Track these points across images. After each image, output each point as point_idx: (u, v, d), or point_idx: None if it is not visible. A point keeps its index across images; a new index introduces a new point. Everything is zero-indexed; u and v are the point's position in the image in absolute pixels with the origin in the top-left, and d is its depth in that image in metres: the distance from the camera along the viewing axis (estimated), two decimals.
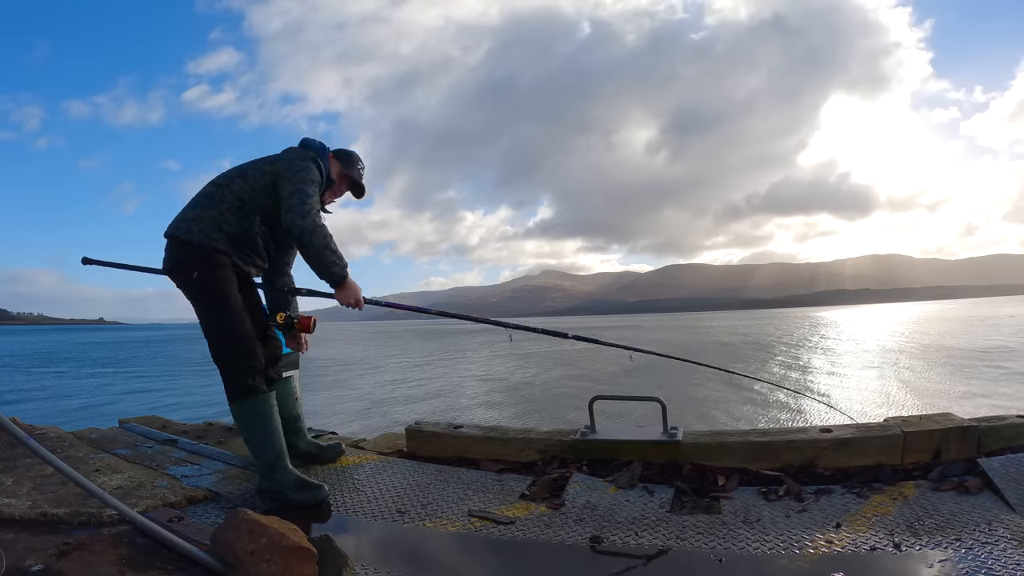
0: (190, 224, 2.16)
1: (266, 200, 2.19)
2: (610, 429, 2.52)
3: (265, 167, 2.22)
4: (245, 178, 2.20)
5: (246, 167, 2.25)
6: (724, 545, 1.72)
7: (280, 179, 2.17)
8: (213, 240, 2.14)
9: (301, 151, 2.30)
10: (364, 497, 2.20)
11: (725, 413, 11.96)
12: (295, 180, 2.15)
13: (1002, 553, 1.52)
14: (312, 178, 2.18)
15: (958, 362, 19.11)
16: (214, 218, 2.15)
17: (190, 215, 2.18)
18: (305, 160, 2.22)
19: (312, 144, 2.39)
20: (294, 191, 2.12)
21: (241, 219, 2.19)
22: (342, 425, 9.20)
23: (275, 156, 2.30)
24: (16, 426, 1.47)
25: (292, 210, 2.10)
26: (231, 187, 2.19)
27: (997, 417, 2.26)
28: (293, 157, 2.24)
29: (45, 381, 23.40)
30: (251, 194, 2.19)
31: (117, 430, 3.27)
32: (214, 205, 2.17)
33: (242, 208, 2.18)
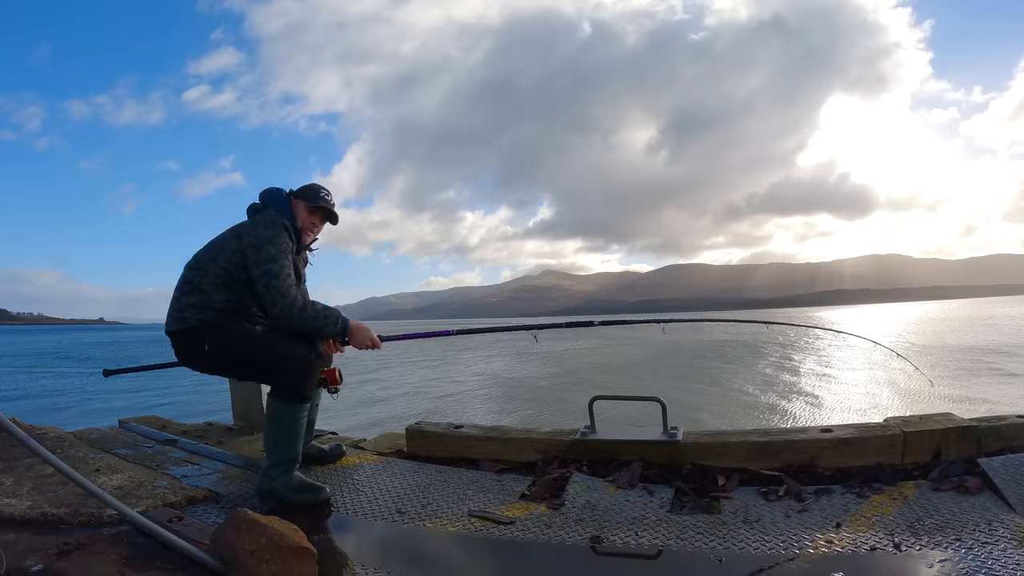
0: (183, 313, 2.18)
1: (243, 276, 2.19)
2: (610, 429, 2.52)
3: (233, 246, 2.19)
4: (217, 262, 2.19)
5: (216, 250, 2.22)
6: (724, 545, 1.72)
7: (248, 259, 2.15)
8: (209, 317, 2.18)
9: (264, 218, 2.23)
10: (364, 497, 2.20)
11: (726, 404, 11.96)
12: (260, 260, 2.12)
13: (1002, 553, 1.52)
14: (278, 249, 2.14)
15: (958, 362, 19.11)
16: (202, 300, 2.18)
17: (180, 304, 2.20)
18: (269, 228, 2.18)
19: (272, 199, 2.33)
20: (260, 275, 2.12)
21: (229, 293, 2.20)
22: (342, 425, 9.20)
23: (240, 229, 2.23)
24: (16, 426, 1.47)
25: (262, 298, 2.13)
26: (208, 270, 2.19)
27: (997, 417, 2.26)
28: (256, 228, 2.19)
29: (45, 381, 23.40)
30: (226, 275, 2.19)
31: (117, 430, 3.27)
32: (196, 289, 2.19)
33: (227, 284, 2.20)
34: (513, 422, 11.23)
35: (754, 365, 20.68)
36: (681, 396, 13.30)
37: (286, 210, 2.31)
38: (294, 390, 2.14)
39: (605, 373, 18.93)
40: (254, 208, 2.36)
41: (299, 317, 2.12)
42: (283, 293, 2.11)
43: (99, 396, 18.07)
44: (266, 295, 2.12)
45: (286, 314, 2.11)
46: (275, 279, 2.11)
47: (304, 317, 2.12)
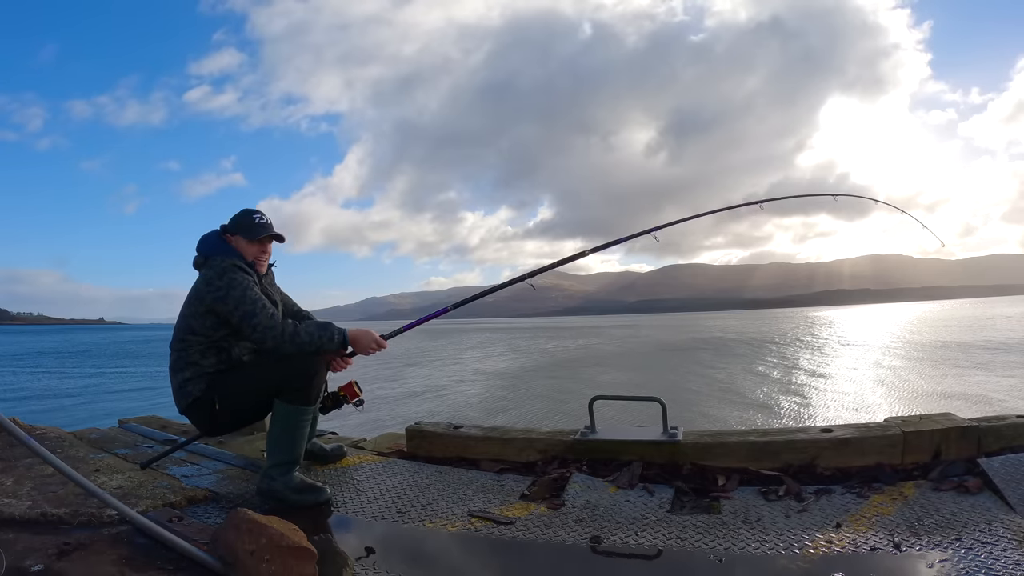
0: (185, 388, 2.19)
1: (225, 331, 2.19)
2: (610, 429, 2.52)
3: (200, 310, 2.16)
4: (194, 331, 2.18)
5: (188, 320, 2.19)
6: (724, 545, 1.72)
7: (222, 314, 2.13)
8: (208, 382, 2.18)
9: (211, 270, 2.17)
10: (364, 497, 2.20)
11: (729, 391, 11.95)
12: (232, 309, 2.10)
13: (1002, 553, 1.52)
14: (241, 292, 2.11)
15: (958, 362, 19.11)
16: (195, 373, 2.18)
17: (177, 384, 2.20)
18: (222, 277, 2.13)
19: (209, 247, 2.26)
20: (239, 321, 2.11)
21: (217, 355, 2.20)
22: (342, 424, 9.18)
23: (199, 293, 2.18)
24: (16, 426, 1.47)
25: (253, 340, 2.14)
26: (190, 342, 2.19)
27: (997, 417, 2.26)
28: (210, 283, 2.14)
29: (45, 381, 23.39)
30: (208, 336, 2.18)
31: (117, 430, 3.27)
32: (189, 364, 2.18)
33: (212, 347, 2.19)
34: (513, 422, 11.23)
35: (754, 364, 20.68)
36: (681, 395, 13.30)
37: (228, 251, 2.25)
38: (300, 393, 2.14)
39: (605, 372, 18.93)
40: (197, 263, 2.29)
41: (293, 342, 2.10)
42: (269, 327, 2.09)
43: (99, 396, 18.06)
44: (254, 335, 2.10)
45: (280, 345, 2.09)
46: (255, 317, 2.09)
47: (298, 341, 2.10)
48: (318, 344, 2.14)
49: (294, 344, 2.11)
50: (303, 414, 2.16)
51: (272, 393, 2.15)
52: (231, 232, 2.30)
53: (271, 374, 2.15)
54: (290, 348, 2.11)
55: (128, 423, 3.41)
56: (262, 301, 2.14)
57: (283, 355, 2.13)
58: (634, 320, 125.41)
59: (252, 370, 2.20)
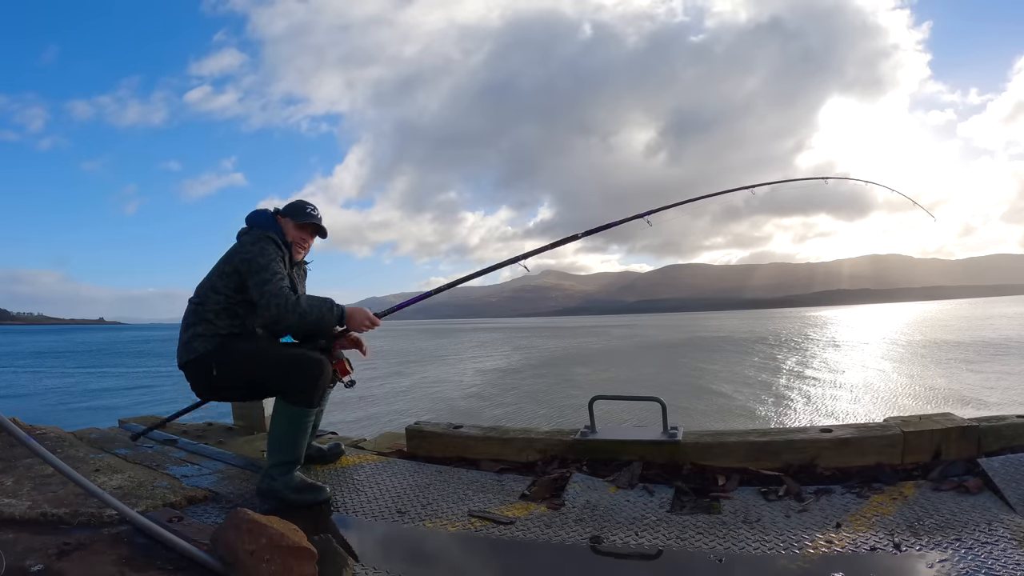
0: (191, 344, 2.22)
1: (245, 296, 2.23)
2: (610, 429, 2.52)
3: (228, 270, 2.24)
4: (217, 290, 2.25)
5: (213, 277, 2.27)
6: (724, 545, 1.72)
7: (243, 277, 2.20)
8: (216, 343, 2.21)
9: (250, 236, 2.29)
10: (364, 497, 2.20)
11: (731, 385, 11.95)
12: (253, 274, 2.18)
13: (1002, 553, 1.52)
14: (268, 259, 2.19)
15: (958, 362, 19.12)
16: (208, 329, 2.22)
17: (187, 338, 2.24)
18: (257, 243, 2.23)
19: (258, 219, 2.38)
20: (254, 285, 2.17)
21: (231, 318, 2.25)
22: (342, 424, 9.20)
23: (231, 254, 2.28)
24: (16, 426, 1.47)
25: (259, 306, 2.17)
26: (209, 301, 2.24)
27: (997, 417, 2.26)
28: (244, 246, 2.25)
29: (45, 381, 23.39)
30: (227, 300, 2.24)
31: (117, 430, 3.27)
32: (203, 320, 2.23)
33: (229, 309, 2.24)
34: (513, 422, 11.23)
35: (753, 364, 20.69)
36: (681, 395, 13.30)
37: (273, 227, 2.35)
38: (304, 393, 2.14)
39: (605, 372, 18.94)
40: (241, 232, 2.40)
41: (295, 311, 2.14)
42: (276, 294, 2.14)
43: (99, 396, 18.06)
44: (261, 300, 2.15)
45: (282, 312, 2.13)
46: (268, 284, 2.15)
47: (300, 310, 2.15)
48: (319, 315, 2.18)
49: (295, 313, 2.14)
50: (306, 416, 2.17)
51: (272, 384, 2.17)
52: (283, 214, 2.42)
53: (275, 366, 2.16)
54: (292, 318, 2.14)
55: (128, 423, 3.41)
56: (281, 274, 2.20)
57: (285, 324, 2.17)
58: (634, 320, 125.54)
59: (260, 353, 2.21)
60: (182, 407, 2.70)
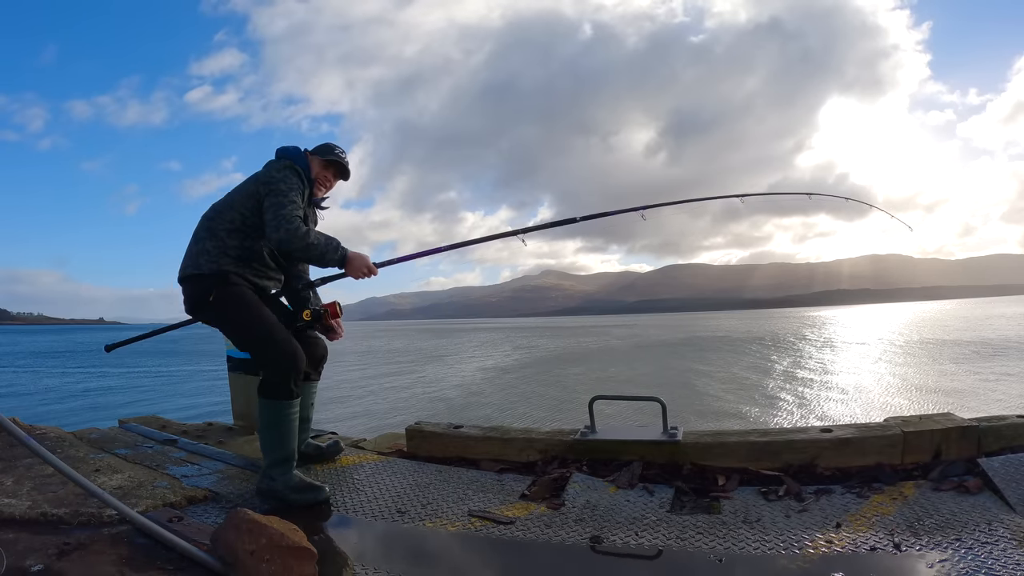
0: (196, 259, 2.23)
1: (259, 220, 2.24)
2: (610, 429, 2.52)
3: (249, 189, 2.28)
4: (234, 207, 2.27)
5: (233, 196, 2.30)
6: (724, 545, 1.72)
7: (262, 198, 2.23)
8: (223, 264, 2.22)
9: (276, 163, 2.34)
10: (364, 497, 2.20)
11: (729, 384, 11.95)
12: (270, 195, 2.20)
13: (1002, 553, 1.52)
14: (289, 186, 2.23)
15: (958, 362, 19.12)
16: (217, 246, 2.23)
17: (193, 251, 2.25)
18: (281, 170, 2.26)
19: (288, 151, 2.41)
20: (268, 207, 2.19)
21: (243, 239, 2.25)
22: (342, 424, 9.20)
23: (256, 175, 2.33)
24: (16, 426, 1.47)
25: (268, 225, 2.18)
26: (224, 217, 2.26)
27: (997, 417, 2.26)
28: (269, 170, 2.29)
29: (45, 381, 23.40)
30: (242, 220, 2.25)
31: (117, 430, 3.27)
32: (213, 235, 2.24)
33: (241, 230, 2.25)
34: (513, 422, 11.23)
35: (752, 364, 20.69)
36: (680, 395, 13.30)
37: (301, 161, 2.38)
38: (279, 385, 2.14)
39: (605, 372, 18.93)
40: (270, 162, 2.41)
41: (303, 240, 2.15)
42: (288, 219, 2.16)
43: (99, 396, 18.06)
44: (272, 220, 2.16)
45: (290, 235, 2.14)
46: (282, 208, 2.17)
47: (308, 241, 2.16)
48: (323, 251, 2.20)
49: (303, 243, 2.15)
50: (286, 408, 2.15)
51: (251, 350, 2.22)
52: (311, 152, 2.45)
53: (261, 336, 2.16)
54: (298, 243, 2.15)
55: (128, 423, 3.41)
56: (296, 205, 2.22)
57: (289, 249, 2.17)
58: (634, 320, 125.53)
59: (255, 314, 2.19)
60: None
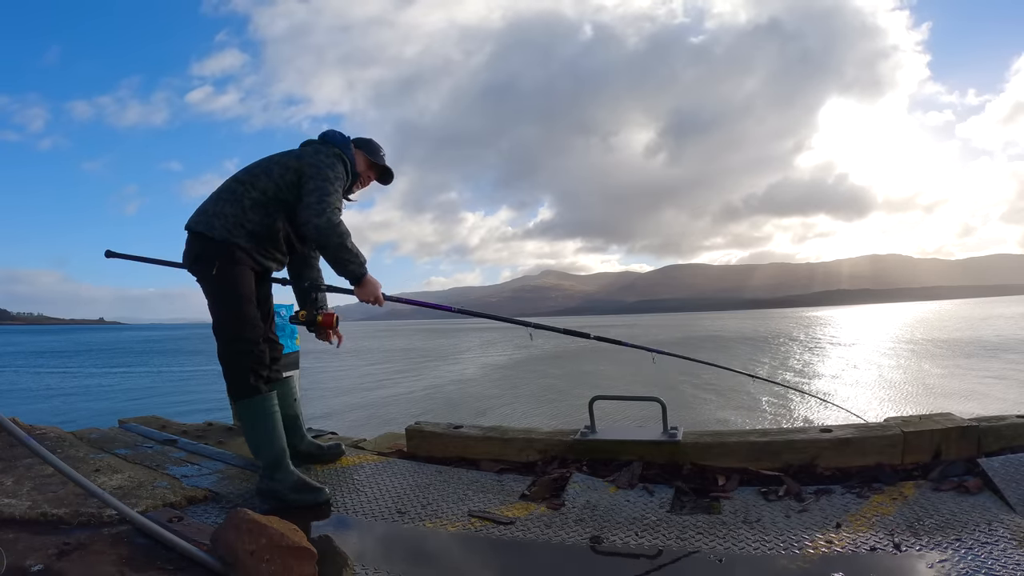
0: (212, 219, 2.15)
1: (290, 197, 2.19)
2: (610, 429, 2.52)
3: (290, 163, 2.20)
4: (270, 175, 2.18)
5: (271, 163, 2.22)
6: (724, 545, 1.72)
7: (304, 176, 2.16)
8: (234, 236, 2.15)
9: (326, 147, 2.28)
10: (364, 497, 2.20)
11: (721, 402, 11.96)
12: (317, 177, 2.14)
13: (1002, 553, 1.52)
14: (336, 175, 2.17)
15: (957, 362, 19.13)
16: (236, 215, 2.15)
17: (212, 210, 2.17)
18: (330, 157, 2.21)
19: (334, 138, 2.36)
20: (314, 189, 2.12)
21: (264, 216, 2.18)
22: (342, 425, 9.19)
23: (299, 151, 2.27)
24: (16, 426, 1.47)
25: (309, 207, 2.11)
26: (256, 184, 2.18)
27: (997, 417, 2.26)
28: (318, 153, 2.22)
29: (46, 381, 23.40)
30: (275, 191, 2.18)
31: (117, 430, 3.27)
32: (237, 201, 2.16)
33: (266, 205, 2.18)
34: (513, 422, 11.23)
35: (752, 364, 20.67)
36: (681, 395, 13.30)
37: (348, 151, 2.34)
38: (237, 383, 2.13)
39: (605, 370, 18.94)
40: (309, 142, 2.37)
41: (339, 239, 2.10)
42: (332, 209, 2.11)
43: (99, 396, 18.07)
44: (316, 205, 2.09)
45: (328, 229, 2.08)
46: (328, 196, 2.12)
47: (343, 242, 2.11)
48: (349, 258, 2.15)
49: (338, 239, 2.10)
50: (256, 406, 2.14)
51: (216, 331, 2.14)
52: (357, 145, 2.41)
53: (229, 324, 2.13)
54: (335, 240, 2.10)
55: (128, 423, 3.41)
56: (339, 196, 2.18)
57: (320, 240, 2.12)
58: (634, 320, 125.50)
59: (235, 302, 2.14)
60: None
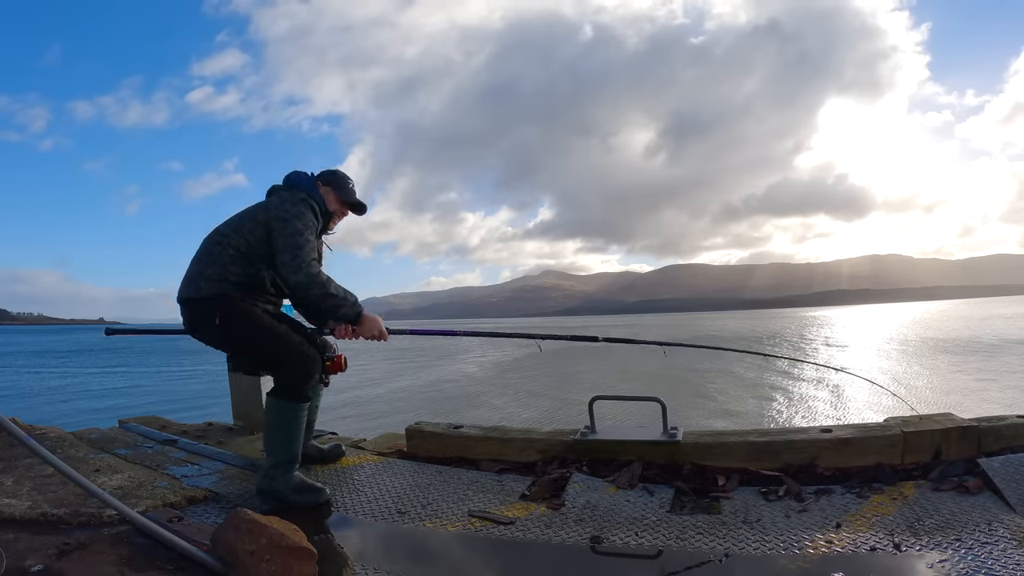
0: (197, 282, 2.19)
1: (265, 251, 2.20)
2: (610, 429, 2.52)
3: (259, 217, 2.21)
4: (241, 232, 2.21)
5: (241, 220, 2.24)
6: (724, 545, 1.72)
7: (272, 232, 2.16)
8: (223, 288, 2.18)
9: (291, 193, 2.26)
10: (364, 497, 2.20)
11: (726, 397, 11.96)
12: (286, 232, 2.13)
13: (1002, 553, 1.52)
14: (305, 224, 2.16)
15: (957, 362, 19.13)
16: (219, 272, 2.19)
17: (195, 274, 2.22)
18: (296, 205, 2.19)
19: (299, 181, 2.34)
20: (285, 246, 2.12)
21: (245, 267, 2.21)
22: (341, 425, 9.19)
23: (266, 203, 2.26)
24: (16, 426, 1.47)
25: (285, 266, 2.12)
26: (230, 243, 2.20)
27: (997, 417, 2.26)
28: (283, 202, 2.20)
29: (46, 380, 23.40)
30: (247, 248, 2.20)
31: (117, 430, 3.27)
32: (216, 260, 2.20)
33: (245, 257, 2.21)
34: (513, 422, 11.23)
35: (752, 363, 20.67)
36: (681, 396, 13.30)
37: (314, 193, 2.32)
38: (294, 388, 2.14)
39: (604, 369, 18.95)
40: (274, 189, 2.36)
41: (321, 290, 2.11)
42: (307, 262, 2.11)
43: (99, 396, 18.07)
44: (291, 263, 2.10)
45: (308, 283, 2.09)
46: (300, 250, 2.11)
47: (326, 291, 2.12)
48: (339, 304, 2.16)
49: (321, 291, 2.11)
50: (297, 410, 2.15)
51: (265, 359, 2.16)
52: (324, 181, 2.39)
53: (277, 343, 2.13)
54: (315, 292, 2.11)
55: (128, 423, 3.41)
56: (312, 245, 2.17)
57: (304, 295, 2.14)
58: (634, 320, 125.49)
59: (266, 325, 2.17)
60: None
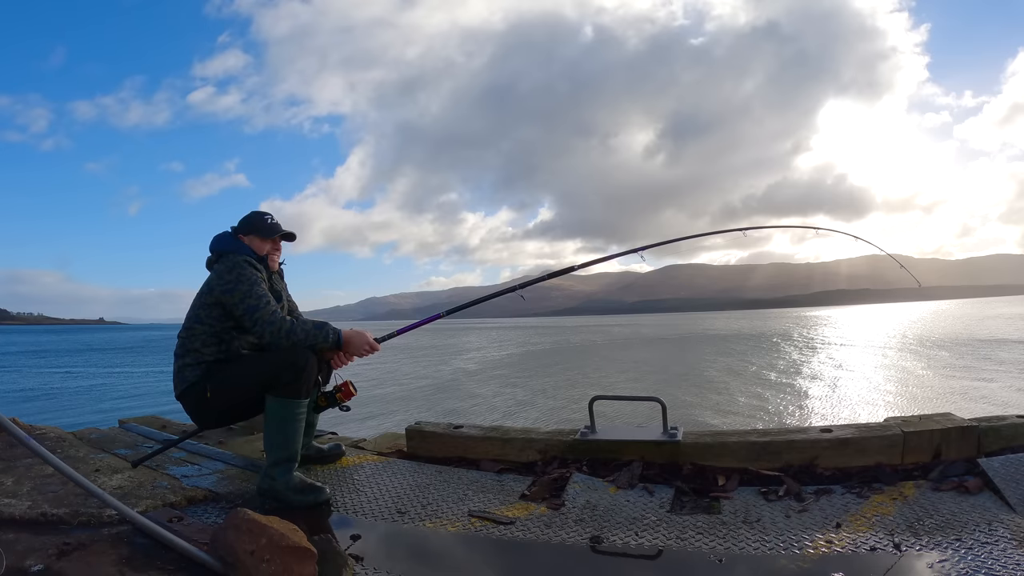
0: (183, 373, 2.26)
1: (230, 323, 2.26)
2: (610, 429, 2.52)
3: (209, 300, 2.26)
4: (202, 321, 2.27)
5: (197, 311, 2.29)
6: (724, 545, 1.72)
7: (227, 306, 2.22)
8: (204, 369, 2.24)
9: (222, 264, 2.28)
10: (364, 497, 2.20)
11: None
12: (237, 301, 2.19)
13: (1002, 553, 1.52)
14: (249, 285, 2.20)
15: (957, 362, 19.13)
16: (196, 358, 2.25)
17: (177, 369, 2.28)
18: (232, 271, 2.23)
19: (224, 246, 2.36)
20: (243, 314, 2.19)
21: (218, 344, 2.27)
22: (341, 424, 9.18)
23: (210, 285, 2.28)
24: (16, 426, 1.47)
25: (253, 332, 2.21)
26: (195, 332, 2.26)
27: (997, 417, 2.26)
28: (221, 276, 2.24)
29: (46, 380, 23.40)
30: (212, 326, 2.26)
31: (117, 430, 3.27)
32: (190, 350, 2.26)
33: (216, 336, 2.27)
34: (513, 422, 11.23)
35: (752, 364, 20.68)
36: (681, 395, 13.31)
37: (241, 248, 2.36)
38: (290, 386, 2.14)
39: (605, 369, 18.95)
40: (210, 262, 2.39)
41: (289, 339, 2.17)
42: (269, 320, 2.17)
43: (99, 396, 18.07)
44: (254, 328, 2.18)
45: (277, 339, 2.16)
46: (257, 311, 2.17)
47: (294, 339, 2.17)
48: (312, 341, 2.21)
49: (290, 340, 2.17)
50: (295, 407, 2.16)
51: (264, 387, 2.17)
52: (244, 232, 2.41)
53: (263, 367, 2.18)
54: (286, 343, 2.17)
55: (128, 423, 3.41)
56: (267, 297, 2.22)
57: (277, 348, 2.19)
58: (634, 320, 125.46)
59: (246, 362, 2.25)
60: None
